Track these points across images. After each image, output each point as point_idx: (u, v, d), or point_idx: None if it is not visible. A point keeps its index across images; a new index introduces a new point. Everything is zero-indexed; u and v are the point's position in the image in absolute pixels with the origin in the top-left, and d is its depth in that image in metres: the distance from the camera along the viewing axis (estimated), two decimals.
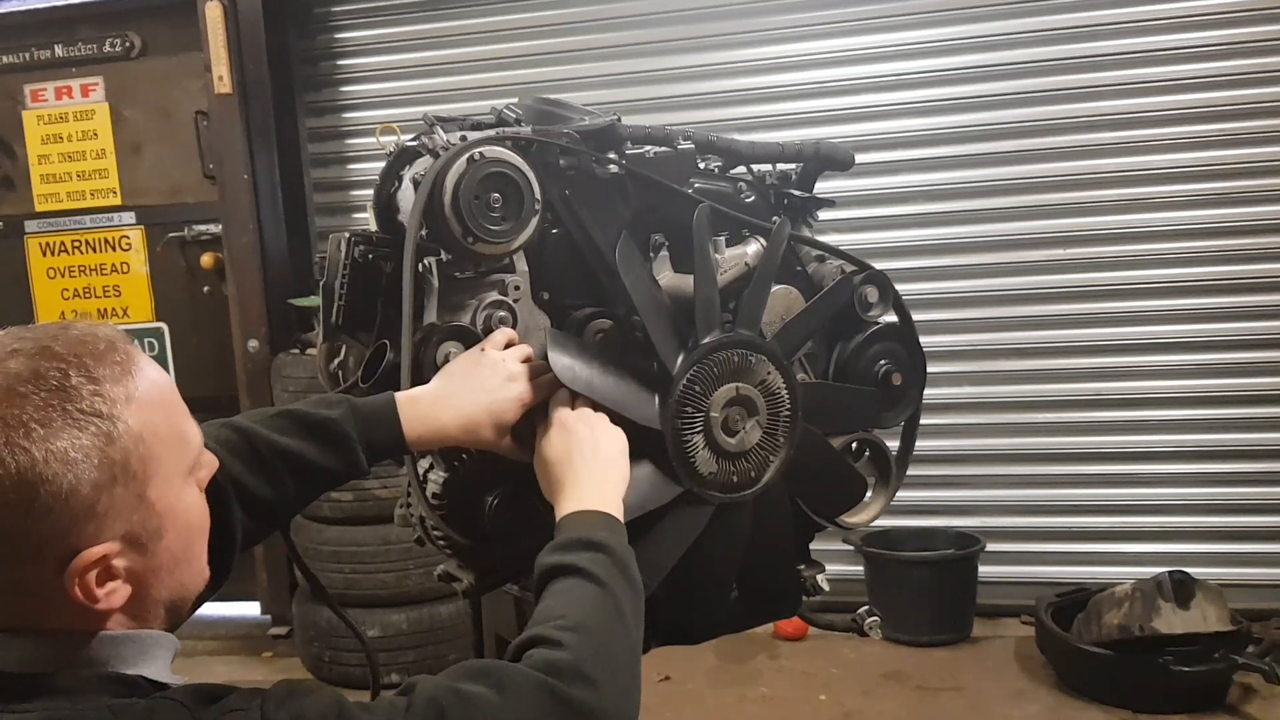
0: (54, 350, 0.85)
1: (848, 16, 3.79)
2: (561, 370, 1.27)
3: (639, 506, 1.30)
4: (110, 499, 0.85)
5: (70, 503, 0.83)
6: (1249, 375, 3.65)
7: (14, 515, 0.81)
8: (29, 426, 0.81)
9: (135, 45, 4.16)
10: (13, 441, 0.81)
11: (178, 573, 0.93)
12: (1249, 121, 3.57)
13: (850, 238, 3.51)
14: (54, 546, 0.83)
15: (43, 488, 0.82)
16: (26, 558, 0.83)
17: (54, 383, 0.83)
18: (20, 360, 0.84)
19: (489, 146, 1.29)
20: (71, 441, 0.83)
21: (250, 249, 4.03)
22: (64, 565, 0.84)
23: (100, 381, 0.86)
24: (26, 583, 0.84)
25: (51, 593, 0.85)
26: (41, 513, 0.82)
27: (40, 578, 0.84)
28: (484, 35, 4.04)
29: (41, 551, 0.83)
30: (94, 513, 0.84)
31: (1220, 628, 3.01)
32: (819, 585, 1.54)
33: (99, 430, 0.84)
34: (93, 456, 0.84)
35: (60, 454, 0.82)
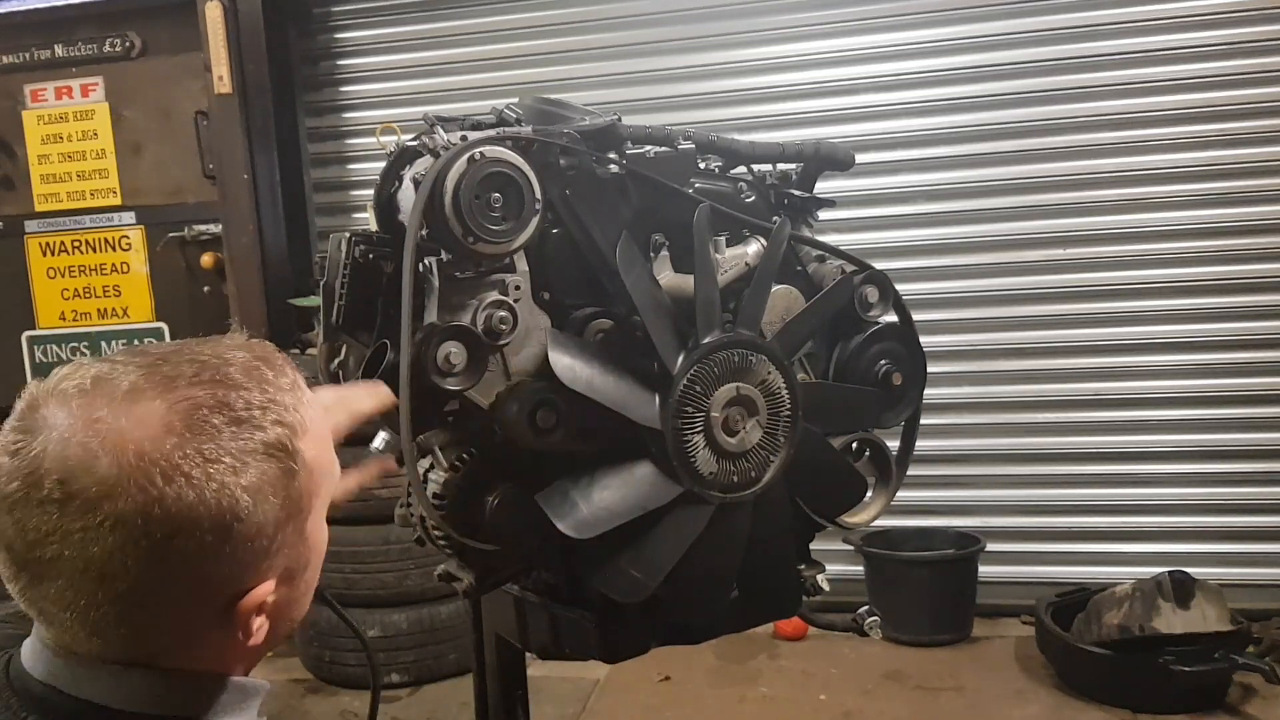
0: (229, 374, 0.80)
1: (848, 16, 3.79)
2: (561, 370, 1.27)
3: (639, 506, 1.30)
4: (284, 536, 0.82)
5: (255, 543, 0.79)
6: (1249, 375, 3.65)
7: (204, 559, 0.76)
8: (222, 459, 0.76)
9: (135, 45, 4.16)
10: (211, 475, 0.76)
11: (303, 601, 0.91)
12: (1249, 121, 3.57)
13: (850, 238, 3.51)
14: (230, 586, 0.79)
15: (236, 524, 0.77)
16: (200, 597, 0.79)
17: (241, 405, 0.79)
18: (200, 389, 0.78)
19: (489, 146, 1.29)
20: (261, 473, 0.78)
21: (250, 249, 4.03)
22: (233, 604, 0.80)
23: (266, 394, 0.81)
24: (183, 620, 0.79)
25: (203, 630, 0.80)
26: (232, 551, 0.78)
27: (202, 617, 0.80)
28: (484, 35, 4.04)
29: (218, 590, 0.79)
30: (270, 551, 0.80)
31: (1220, 628, 3.01)
32: (819, 585, 1.54)
33: (284, 465, 0.80)
34: (279, 493, 0.80)
35: (255, 488, 0.78)
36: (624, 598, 1.33)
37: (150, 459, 0.74)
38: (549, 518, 1.26)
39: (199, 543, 0.76)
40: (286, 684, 3.71)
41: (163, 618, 0.78)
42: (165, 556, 0.75)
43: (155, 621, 0.78)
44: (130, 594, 0.75)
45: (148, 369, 0.79)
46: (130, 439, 0.74)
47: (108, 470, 0.73)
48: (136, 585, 0.75)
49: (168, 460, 0.75)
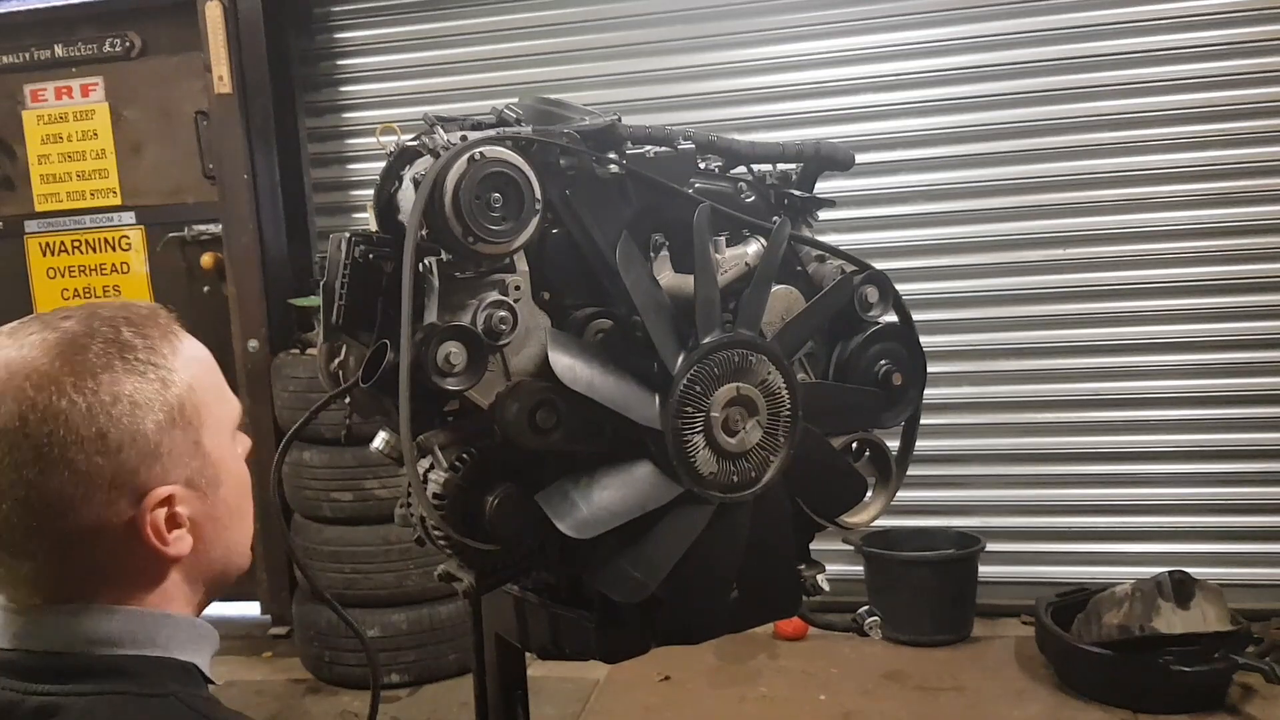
0: (101, 314, 0.92)
1: (848, 16, 3.79)
2: (561, 370, 1.27)
3: (639, 506, 1.30)
4: (171, 441, 0.90)
5: (138, 442, 0.88)
6: (1249, 375, 3.65)
7: (90, 454, 0.86)
8: (95, 373, 0.87)
9: (135, 45, 4.16)
10: (81, 386, 0.86)
11: (233, 529, 0.98)
12: (1249, 121, 3.57)
13: (850, 238, 3.51)
14: (127, 483, 0.88)
15: (112, 427, 0.86)
16: (104, 498, 0.87)
17: (109, 336, 0.89)
18: (73, 322, 0.90)
19: (489, 146, 1.29)
20: (134, 386, 0.88)
21: (250, 249, 4.03)
22: (136, 503, 0.88)
23: (150, 337, 0.92)
24: (104, 527, 0.87)
25: (126, 539, 0.88)
26: (114, 450, 0.86)
27: (116, 519, 0.87)
28: (484, 35, 4.04)
29: (117, 489, 0.87)
30: (159, 453, 0.89)
31: (1220, 628, 3.01)
32: (819, 585, 1.54)
33: (155, 377, 0.90)
34: (153, 400, 0.89)
35: (126, 396, 0.88)
36: (624, 598, 1.33)
37: (21, 376, 0.85)
38: (549, 518, 1.26)
39: (77, 440, 0.85)
40: (286, 684, 3.71)
41: (75, 528, 0.86)
42: (49, 456, 0.84)
43: (70, 535, 0.86)
44: (31, 497, 0.84)
45: (36, 318, 0.93)
46: (8, 362, 0.86)
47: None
48: (34, 488, 0.84)
49: (39, 372, 0.85)
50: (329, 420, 1.63)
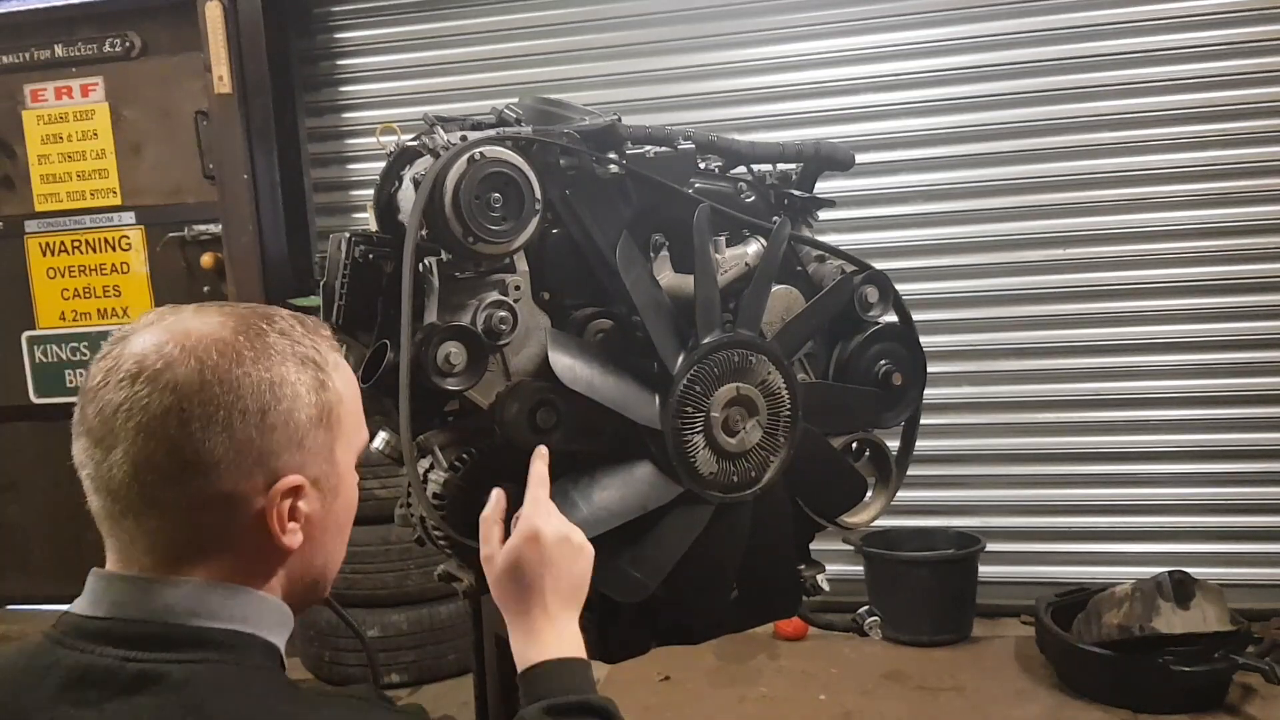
0: (281, 311, 0.99)
1: (848, 16, 3.79)
2: (561, 370, 1.27)
3: (639, 506, 1.30)
4: (314, 438, 0.94)
5: (289, 427, 0.92)
6: (1249, 375, 3.65)
7: (249, 425, 0.90)
8: (270, 354, 0.92)
9: (135, 45, 4.16)
10: (259, 361, 0.91)
11: (337, 541, 1.03)
12: (1249, 121, 3.57)
13: (850, 238, 3.51)
14: (269, 463, 0.91)
15: (274, 407, 0.91)
16: (246, 470, 0.90)
17: (285, 329, 0.96)
18: (250, 311, 0.97)
19: (489, 146, 1.29)
20: (298, 376, 0.93)
21: (250, 249, 4.03)
22: (271, 483, 0.92)
23: (319, 343, 0.98)
24: (237, 497, 0.91)
25: (250, 515, 0.92)
26: (269, 428, 0.91)
27: (250, 494, 0.91)
28: (484, 35, 4.04)
29: (260, 465, 0.91)
30: (303, 445, 0.93)
31: (1220, 628, 3.01)
32: (819, 585, 1.54)
33: (317, 377, 0.95)
34: (311, 396, 0.94)
35: (291, 383, 0.93)
36: (624, 598, 1.33)
37: (208, 341, 0.90)
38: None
39: (242, 410, 0.89)
40: None
41: (213, 492, 0.90)
42: (215, 416, 0.88)
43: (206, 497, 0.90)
44: (182, 451, 0.88)
45: (216, 303, 0.97)
46: (192, 329, 0.91)
47: (172, 350, 0.89)
48: (188, 442, 0.88)
49: (223, 342, 0.90)
50: None
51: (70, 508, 4.62)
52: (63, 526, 4.40)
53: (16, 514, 4.46)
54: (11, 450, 4.43)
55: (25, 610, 4.45)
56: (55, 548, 4.42)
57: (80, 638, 0.90)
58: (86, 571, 0.96)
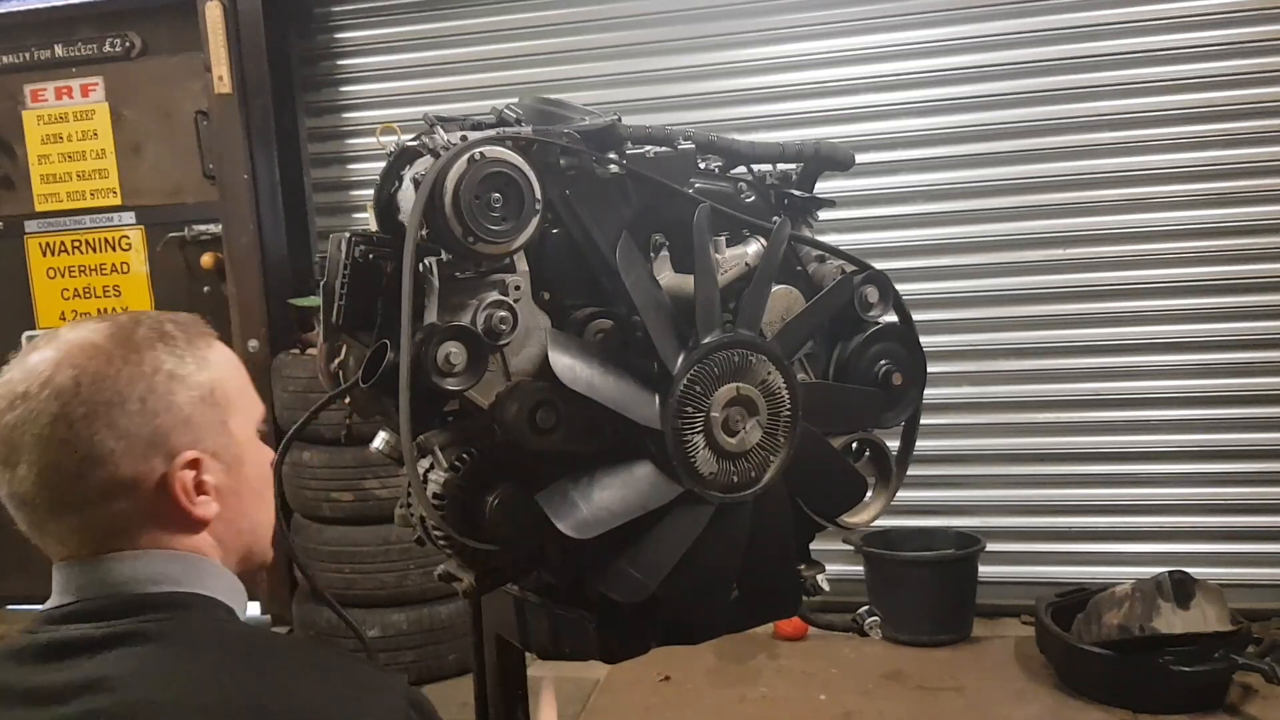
0: (149, 313, 1.07)
1: (848, 16, 3.79)
2: (561, 370, 1.27)
3: (639, 506, 1.30)
4: (201, 415, 1.03)
5: (172, 410, 1.01)
6: (1249, 375, 3.66)
7: (131, 414, 0.98)
8: (140, 349, 1.01)
9: (135, 45, 4.16)
10: (128, 358, 1.00)
11: (258, 507, 1.11)
12: (1249, 121, 3.57)
13: (850, 238, 3.51)
14: (161, 444, 1.00)
15: (151, 395, 1.00)
16: (140, 455, 0.99)
17: (154, 326, 1.04)
18: (121, 317, 1.05)
19: (489, 146, 1.29)
20: (173, 364, 1.02)
21: (250, 249, 4.03)
22: (168, 462, 1.00)
23: (189, 332, 1.06)
24: (139, 480, 0.99)
25: (159, 494, 1.00)
26: (151, 414, 0.99)
27: (150, 475, 0.99)
28: (484, 35, 4.04)
29: (153, 447, 0.99)
30: (190, 422, 1.02)
31: (1220, 628, 3.01)
32: (819, 585, 1.54)
33: (191, 360, 1.04)
34: (188, 378, 1.03)
35: (165, 371, 1.01)
36: (624, 598, 1.33)
37: (80, 349, 0.99)
38: (549, 518, 1.25)
39: (121, 401, 0.98)
40: None
41: (115, 479, 0.98)
42: (96, 413, 0.97)
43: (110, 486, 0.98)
44: (78, 450, 0.96)
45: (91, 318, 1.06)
46: (65, 341, 1.00)
47: (50, 363, 0.98)
48: (82, 441, 0.96)
49: (93, 346, 0.99)
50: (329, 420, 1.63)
51: None
52: None
53: None
54: None
55: (25, 610, 4.45)
56: None
57: (50, 623, 0.98)
58: None
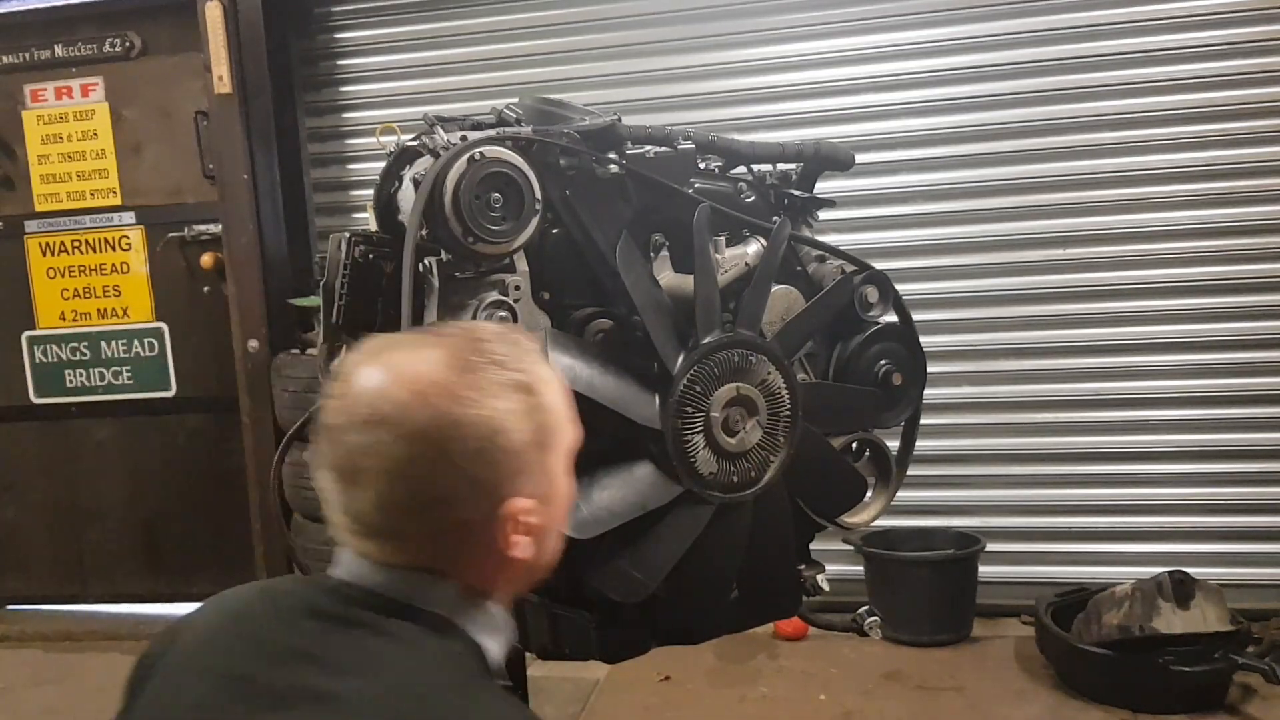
0: (474, 334, 1.06)
1: (848, 16, 3.79)
2: (562, 370, 1.27)
3: (639, 506, 1.30)
4: (531, 459, 1.02)
5: (509, 456, 1.00)
6: (1249, 375, 3.65)
7: (476, 462, 0.99)
8: (484, 390, 1.00)
9: (135, 45, 4.16)
10: (478, 401, 0.99)
11: (558, 537, 1.11)
12: (1249, 121, 3.57)
13: (850, 238, 3.51)
14: (496, 491, 1.00)
15: (493, 440, 0.99)
16: (477, 500, 1.00)
17: (493, 356, 1.03)
18: (455, 340, 1.04)
19: (489, 146, 1.29)
20: (512, 405, 1.01)
21: (250, 249, 4.02)
22: (498, 508, 1.00)
23: (524, 364, 1.04)
24: (469, 523, 1.00)
25: (483, 537, 1.01)
26: (492, 463, 0.99)
27: (478, 520, 1.00)
28: (484, 35, 4.04)
29: (488, 494, 1.00)
30: (522, 470, 1.01)
31: (1220, 628, 3.01)
32: (819, 585, 1.55)
33: (527, 401, 1.03)
34: (525, 421, 1.02)
35: (506, 411, 1.00)
36: (624, 598, 1.33)
37: (434, 386, 0.98)
38: None
39: (473, 449, 0.98)
40: None
41: (451, 521, 1.00)
42: (448, 458, 0.97)
43: (445, 526, 1.00)
44: (424, 491, 0.98)
45: (423, 333, 1.08)
46: (419, 374, 0.99)
47: (400, 395, 0.98)
48: (427, 483, 0.98)
49: (442, 385, 0.98)
50: None
51: (70, 508, 4.60)
52: (62, 526, 4.40)
53: (16, 514, 4.46)
54: (11, 450, 4.43)
55: (25, 610, 4.45)
56: (55, 548, 4.42)
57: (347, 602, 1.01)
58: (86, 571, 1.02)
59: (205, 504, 4.29)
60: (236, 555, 4.16)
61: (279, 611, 1.03)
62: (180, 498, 4.33)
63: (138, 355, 4.29)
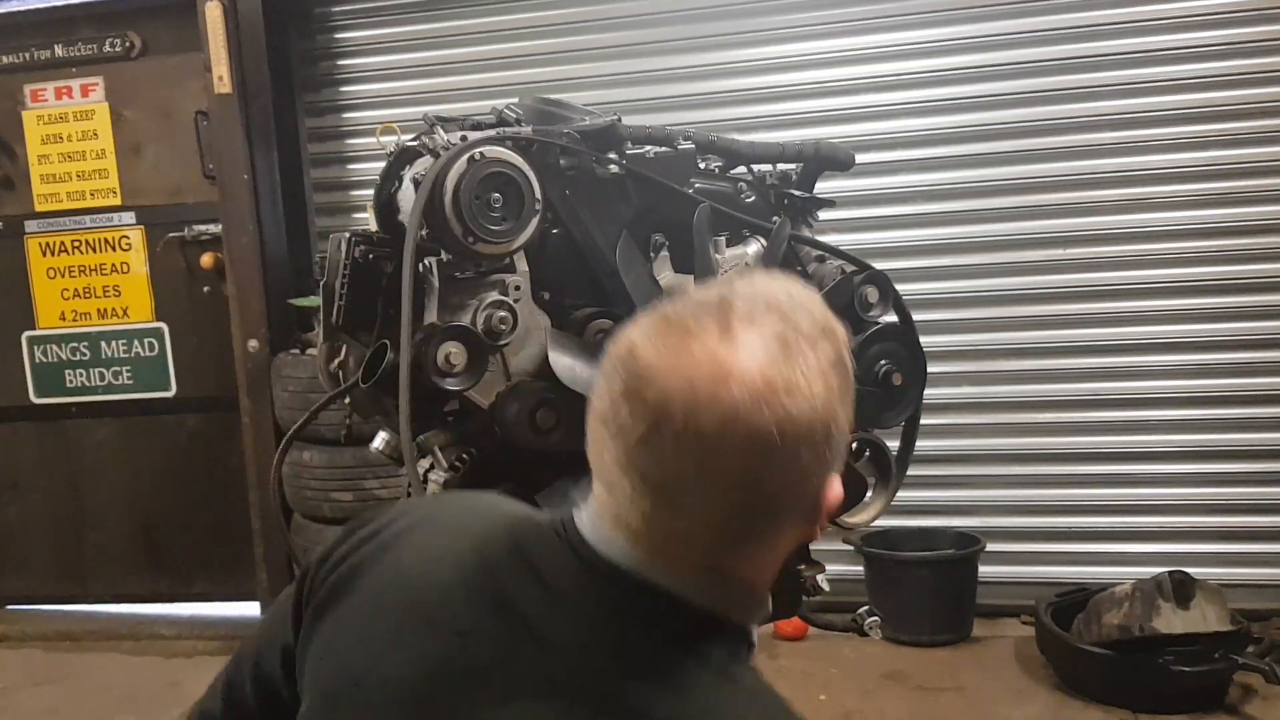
0: (788, 306, 0.89)
1: (848, 16, 3.78)
2: (561, 370, 1.27)
3: None
4: (838, 450, 0.90)
5: (838, 444, 0.89)
6: (1249, 375, 3.65)
7: (816, 457, 0.86)
8: (818, 376, 0.86)
9: (135, 45, 4.16)
10: (814, 390, 0.85)
11: None
12: (1249, 121, 3.57)
13: (850, 238, 3.50)
14: (820, 480, 0.89)
15: (834, 428, 0.87)
16: (803, 500, 0.88)
17: (810, 335, 0.87)
18: (775, 317, 0.88)
19: (489, 146, 1.30)
20: (841, 385, 0.89)
21: (250, 249, 4.03)
22: (819, 496, 0.89)
23: (833, 338, 0.90)
24: (789, 520, 0.89)
25: (790, 534, 0.90)
26: (823, 458, 0.88)
27: (800, 513, 0.89)
28: (484, 35, 4.04)
29: (816, 484, 0.89)
30: (838, 453, 0.89)
31: (1220, 628, 3.01)
32: (819, 585, 1.55)
33: (846, 377, 0.90)
34: (848, 399, 0.90)
35: (838, 398, 0.88)
36: None
37: (769, 382, 0.83)
38: None
39: (814, 445, 0.86)
40: None
41: (775, 529, 0.89)
42: (793, 460, 0.85)
43: (769, 533, 0.89)
44: (760, 499, 0.86)
45: (719, 308, 0.88)
46: (743, 367, 0.83)
47: (734, 396, 0.82)
48: (765, 490, 0.85)
49: (784, 379, 0.84)
50: (329, 420, 1.63)
51: (70, 508, 4.59)
52: (63, 526, 4.40)
53: (16, 514, 4.46)
54: (11, 450, 4.43)
55: (25, 610, 4.45)
56: (55, 548, 4.42)
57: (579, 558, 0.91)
58: (86, 572, 0.96)
59: (205, 504, 4.29)
60: (236, 555, 4.16)
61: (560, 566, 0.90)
62: (180, 498, 4.33)
63: (138, 355, 4.29)
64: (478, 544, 0.95)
